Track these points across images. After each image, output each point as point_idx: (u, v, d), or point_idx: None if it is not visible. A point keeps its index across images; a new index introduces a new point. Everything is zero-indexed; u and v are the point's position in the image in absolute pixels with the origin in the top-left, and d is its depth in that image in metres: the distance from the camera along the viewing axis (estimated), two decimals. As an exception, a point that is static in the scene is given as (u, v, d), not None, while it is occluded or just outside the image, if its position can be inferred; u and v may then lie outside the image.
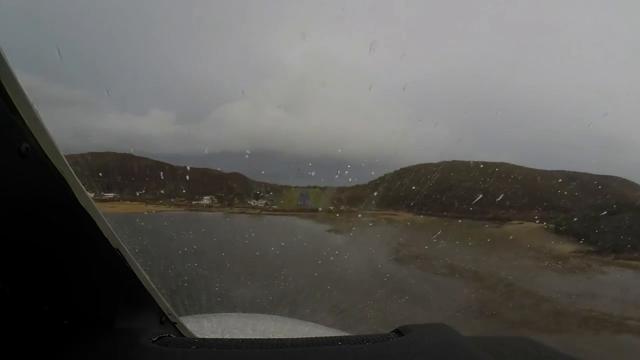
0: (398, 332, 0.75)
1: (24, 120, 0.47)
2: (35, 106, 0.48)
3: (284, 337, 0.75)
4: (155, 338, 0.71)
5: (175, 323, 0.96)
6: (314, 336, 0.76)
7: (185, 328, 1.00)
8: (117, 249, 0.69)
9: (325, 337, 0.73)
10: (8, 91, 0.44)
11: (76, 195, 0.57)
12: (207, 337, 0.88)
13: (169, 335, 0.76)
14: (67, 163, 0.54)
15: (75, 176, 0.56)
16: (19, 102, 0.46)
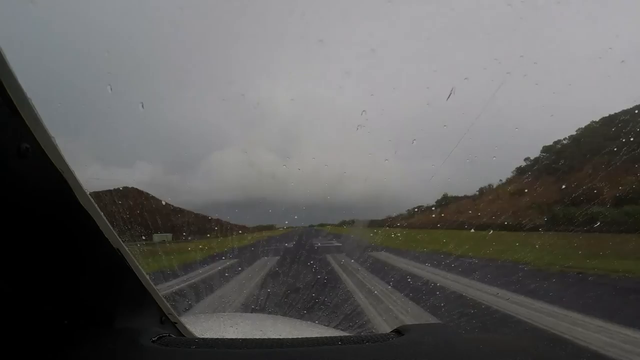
0: (398, 332, 0.75)
1: (24, 120, 0.47)
2: (35, 106, 0.48)
3: (283, 337, 0.75)
4: (155, 338, 0.71)
5: (175, 323, 0.96)
6: (314, 336, 0.76)
7: (185, 328, 1.00)
8: (117, 249, 0.69)
9: (325, 337, 0.73)
10: (8, 91, 0.44)
11: (76, 195, 0.57)
12: (207, 337, 0.88)
13: (169, 335, 0.76)
14: (67, 163, 0.54)
15: (76, 176, 0.56)
16: (19, 102, 0.46)
